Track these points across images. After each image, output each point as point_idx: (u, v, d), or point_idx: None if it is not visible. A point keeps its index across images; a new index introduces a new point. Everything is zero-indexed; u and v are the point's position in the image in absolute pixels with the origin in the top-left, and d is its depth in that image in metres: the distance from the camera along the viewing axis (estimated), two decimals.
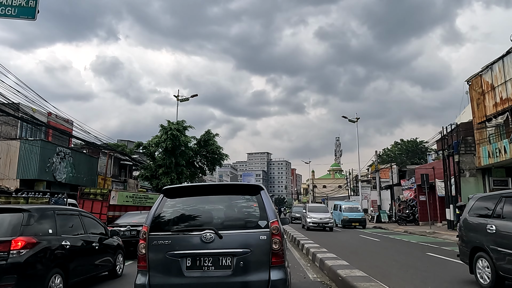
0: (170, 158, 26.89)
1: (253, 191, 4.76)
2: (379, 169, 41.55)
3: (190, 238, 4.34)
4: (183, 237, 4.36)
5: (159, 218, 4.58)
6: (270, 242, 4.26)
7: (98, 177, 25.14)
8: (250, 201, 4.71)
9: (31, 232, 5.62)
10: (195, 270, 4.21)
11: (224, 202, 4.85)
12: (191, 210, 4.75)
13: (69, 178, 21.44)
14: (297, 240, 14.32)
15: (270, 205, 4.65)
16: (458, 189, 22.61)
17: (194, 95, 31.77)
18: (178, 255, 4.24)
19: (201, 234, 4.29)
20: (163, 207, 4.68)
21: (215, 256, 4.23)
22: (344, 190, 68.87)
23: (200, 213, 4.72)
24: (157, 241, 4.34)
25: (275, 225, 4.36)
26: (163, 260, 4.26)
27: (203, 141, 29.05)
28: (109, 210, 18.12)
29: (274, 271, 4.21)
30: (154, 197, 21.59)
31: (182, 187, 5.33)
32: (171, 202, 4.74)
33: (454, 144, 23.25)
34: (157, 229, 4.44)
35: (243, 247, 4.24)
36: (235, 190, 5.03)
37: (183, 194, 4.94)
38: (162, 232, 4.43)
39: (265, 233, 4.31)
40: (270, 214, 4.45)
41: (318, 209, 25.48)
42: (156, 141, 26.75)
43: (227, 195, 4.93)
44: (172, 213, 4.66)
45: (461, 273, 8.13)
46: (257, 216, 4.51)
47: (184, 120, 28.10)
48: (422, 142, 64.67)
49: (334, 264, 7.81)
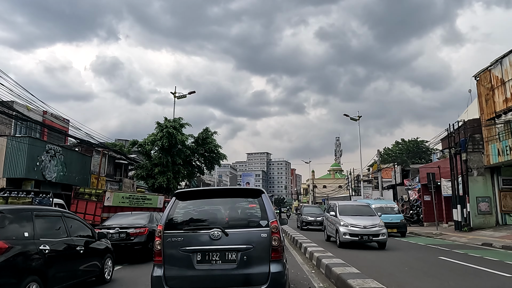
0: (166, 156, 26.00)
1: (255, 194, 5.31)
2: (381, 168, 40.62)
3: (200, 235, 4.86)
4: (193, 235, 4.89)
5: (172, 218, 5.06)
6: (270, 239, 4.79)
7: (91, 177, 24.19)
8: (252, 203, 5.25)
9: (2, 236, 5.14)
10: (204, 263, 4.73)
11: (229, 204, 5.37)
12: (200, 211, 5.29)
13: (60, 177, 20.48)
14: None
15: (270, 206, 5.15)
16: (465, 189, 21.69)
17: (191, 92, 30.83)
18: (190, 251, 4.75)
19: (210, 232, 4.82)
20: (176, 208, 5.18)
21: (222, 251, 4.75)
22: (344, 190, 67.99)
23: (208, 214, 5.29)
24: (171, 238, 4.84)
25: (274, 224, 4.88)
26: (176, 255, 4.78)
27: (201, 139, 28.13)
28: (103, 211, 17.31)
29: (273, 264, 4.72)
30: (152, 198, 20.85)
31: (192, 191, 5.58)
32: (182, 204, 5.25)
33: (461, 142, 22.32)
34: (171, 228, 4.94)
35: (246, 244, 4.76)
36: (239, 193, 5.62)
37: (193, 197, 5.42)
38: (175, 230, 4.93)
39: (265, 231, 4.84)
40: (270, 215, 4.97)
41: (358, 211, 15.26)
42: (151, 139, 25.84)
43: (232, 197, 5.48)
44: (183, 214, 5.20)
45: (486, 280, 7.23)
46: (258, 217, 5.05)
47: (181, 117, 27.23)
48: (423, 142, 64.83)
49: (344, 272, 6.89)
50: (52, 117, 23.75)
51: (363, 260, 10.54)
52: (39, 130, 24.43)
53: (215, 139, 29.09)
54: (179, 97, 30.09)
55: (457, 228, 21.68)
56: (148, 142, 25.94)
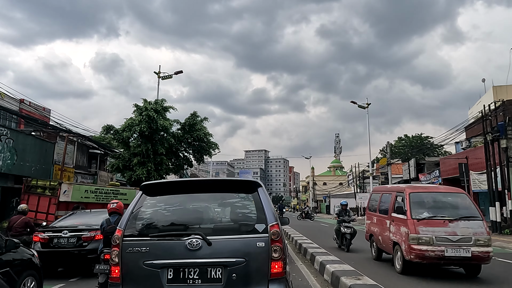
0: (146, 144, 22.05)
1: (249, 188, 4.11)
2: (390, 162, 36.83)
3: (173, 244, 3.68)
4: (164, 244, 3.69)
5: (136, 220, 3.91)
6: (269, 250, 3.64)
7: (54, 167, 20.23)
8: (245, 200, 4.05)
9: None
10: (178, 283, 3.59)
11: (214, 201, 4.20)
12: (175, 210, 4.09)
13: (8, 166, 16.51)
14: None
15: (269, 205, 3.98)
16: (505, 183, 17.90)
17: (178, 72, 26.83)
18: (158, 265, 3.62)
19: (186, 240, 3.66)
20: (142, 206, 4.00)
21: (203, 266, 3.61)
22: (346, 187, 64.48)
23: (186, 215, 4.10)
24: (133, 248, 3.70)
25: (275, 229, 3.71)
26: (139, 270, 3.64)
27: (187, 125, 24.11)
28: (59, 208, 13.97)
29: (273, 285, 3.58)
30: (128, 192, 17.50)
31: (164, 183, 4.34)
32: (151, 200, 4.06)
33: (499, 126, 18.54)
34: (134, 234, 3.80)
35: (236, 256, 3.62)
36: (228, 187, 4.32)
37: (166, 191, 4.20)
38: (140, 237, 3.77)
39: (263, 239, 3.67)
40: (269, 216, 3.80)
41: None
42: (129, 123, 21.87)
43: (218, 193, 4.26)
44: (152, 214, 4.00)
45: None
46: (253, 219, 3.86)
47: (164, 99, 23.21)
48: (428, 138, 64.03)
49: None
50: (30, 106, 20.41)
51: None
52: (15, 120, 20.94)
53: (205, 127, 25.11)
54: (164, 78, 26.18)
55: (495, 231, 17.88)
56: (124, 127, 21.97)
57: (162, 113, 22.58)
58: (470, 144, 23.28)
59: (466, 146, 23.19)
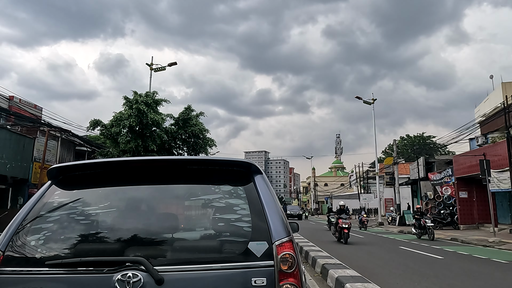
0: (136, 140, 20.34)
1: (238, 176, 2.31)
2: (397, 162, 35.06)
3: (91, 282, 1.87)
4: (75, 280, 1.88)
5: (28, 232, 2.06)
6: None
7: (34, 165, 18.51)
8: (232, 197, 2.21)
9: None
10: None
11: (176, 198, 2.30)
12: (102, 216, 2.18)
13: None
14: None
15: (275, 205, 2.16)
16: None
17: (172, 64, 25.09)
18: None
19: (117, 274, 1.86)
20: (44, 206, 2.17)
21: None
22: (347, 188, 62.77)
23: (121, 224, 2.16)
24: (17, 286, 1.88)
25: (286, 251, 1.97)
26: None
27: (181, 120, 22.39)
28: None
29: None
30: None
31: (89, 164, 2.41)
32: (63, 197, 2.24)
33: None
34: (21, 260, 1.97)
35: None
36: (202, 173, 2.34)
37: (91, 179, 2.31)
38: (29, 266, 1.93)
39: (264, 271, 1.92)
40: (275, 226, 2.03)
41: None
42: (118, 117, 20.15)
43: (184, 184, 2.32)
44: (58, 224, 2.11)
45: None
46: (246, 231, 2.06)
47: (156, 91, 21.49)
48: (430, 137, 63.24)
49: None
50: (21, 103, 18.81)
51: None
52: (4, 117, 19.32)
53: (201, 122, 23.38)
54: (157, 70, 24.48)
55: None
56: (113, 122, 20.25)
57: (154, 106, 20.87)
58: (487, 140, 21.56)
59: (483, 142, 21.45)
